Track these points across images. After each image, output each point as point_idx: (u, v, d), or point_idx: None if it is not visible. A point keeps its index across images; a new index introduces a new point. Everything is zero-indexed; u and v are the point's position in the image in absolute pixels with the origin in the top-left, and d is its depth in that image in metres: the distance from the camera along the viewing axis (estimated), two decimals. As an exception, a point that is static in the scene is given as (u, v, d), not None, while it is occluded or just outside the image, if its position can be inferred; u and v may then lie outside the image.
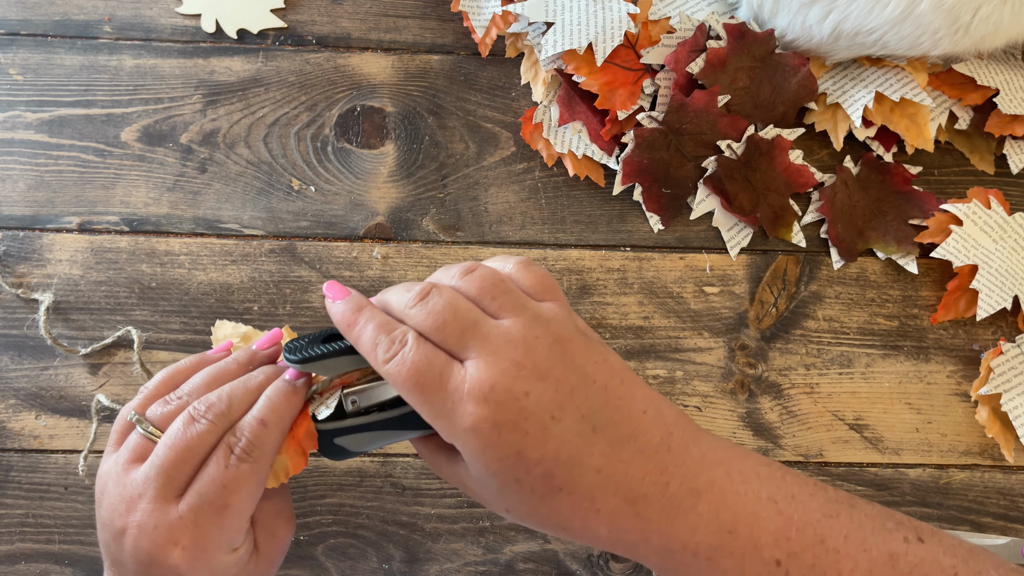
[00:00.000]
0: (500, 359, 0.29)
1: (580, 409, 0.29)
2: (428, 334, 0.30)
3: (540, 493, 0.29)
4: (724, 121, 0.56)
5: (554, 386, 0.29)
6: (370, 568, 0.49)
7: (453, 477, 0.33)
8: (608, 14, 0.56)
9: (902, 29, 0.52)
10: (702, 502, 0.29)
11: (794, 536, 0.29)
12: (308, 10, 0.60)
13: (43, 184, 0.55)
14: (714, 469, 0.30)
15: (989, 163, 0.58)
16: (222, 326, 0.48)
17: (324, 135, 0.57)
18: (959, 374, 0.54)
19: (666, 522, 0.29)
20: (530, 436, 0.28)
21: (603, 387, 0.30)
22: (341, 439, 0.35)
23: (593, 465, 0.29)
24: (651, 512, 0.29)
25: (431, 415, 0.30)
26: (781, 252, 0.56)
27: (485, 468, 0.29)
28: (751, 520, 0.29)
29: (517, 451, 0.28)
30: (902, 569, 0.30)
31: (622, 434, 0.30)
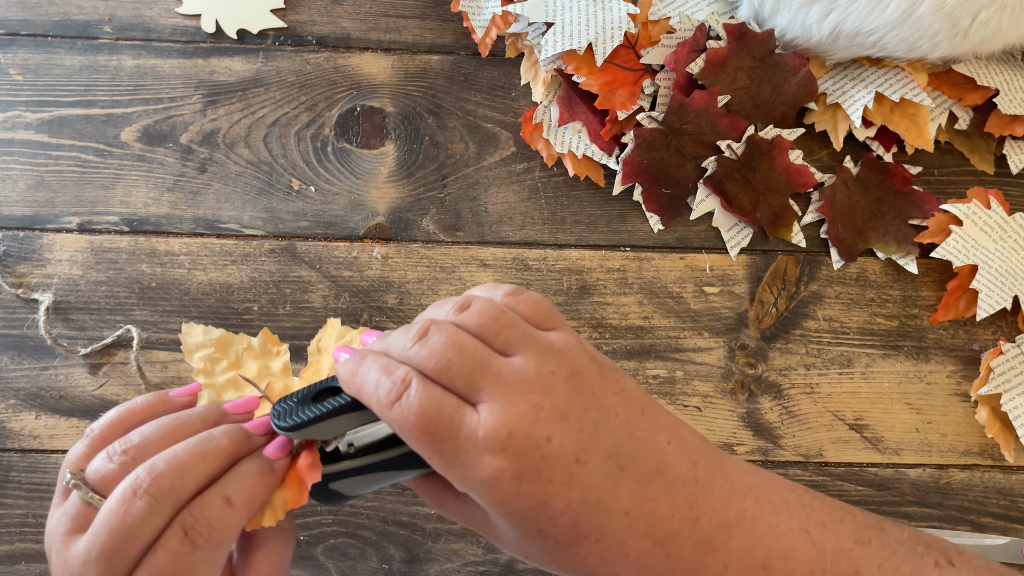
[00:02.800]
0: (516, 401, 0.27)
1: (605, 448, 0.27)
2: (434, 375, 0.28)
3: (566, 542, 0.27)
4: (724, 121, 0.56)
5: (576, 426, 0.27)
6: (370, 568, 0.49)
7: (464, 517, 0.31)
8: (608, 14, 0.56)
9: (901, 31, 0.52)
10: (733, 537, 0.28)
11: (829, 568, 0.28)
12: (308, 10, 0.60)
13: (43, 184, 0.55)
14: (743, 500, 0.29)
15: (989, 163, 0.59)
16: (191, 331, 0.38)
17: (324, 135, 0.57)
18: (959, 374, 0.54)
19: (697, 561, 0.28)
20: (554, 484, 0.26)
21: (626, 420, 0.28)
22: (336, 484, 0.32)
23: (621, 507, 0.27)
24: (682, 552, 0.28)
25: (443, 466, 0.27)
26: (781, 252, 0.56)
27: (505, 519, 0.27)
28: (784, 553, 0.28)
29: (541, 502, 0.26)
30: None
31: (649, 470, 0.28)
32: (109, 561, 0.27)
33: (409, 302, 0.53)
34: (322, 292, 0.53)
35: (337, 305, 0.53)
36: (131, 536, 0.27)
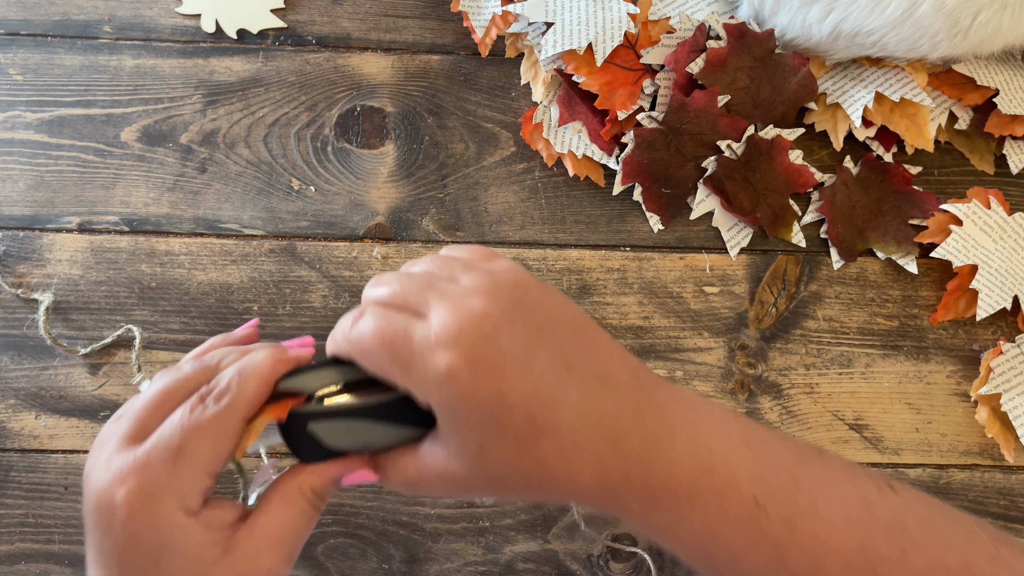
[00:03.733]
0: (464, 305, 0.28)
1: (551, 348, 0.28)
2: (387, 302, 0.30)
3: (524, 439, 0.28)
4: (724, 121, 0.56)
5: (523, 327, 0.28)
6: (370, 568, 0.49)
7: (426, 475, 0.31)
8: (608, 14, 0.56)
9: (901, 31, 0.52)
10: (678, 439, 0.29)
11: (769, 475, 0.29)
12: (308, 10, 0.60)
13: (43, 184, 0.55)
14: (685, 408, 0.30)
15: (989, 163, 0.59)
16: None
17: (324, 135, 0.57)
18: (959, 374, 0.54)
19: (646, 458, 0.29)
20: (508, 377, 0.27)
21: (571, 328, 0.30)
22: (315, 425, 0.32)
23: (572, 402, 0.28)
24: (631, 449, 0.28)
25: (402, 374, 0.28)
26: (781, 252, 0.56)
27: (465, 420, 0.28)
28: (726, 457, 0.29)
29: (497, 392, 0.27)
30: (878, 514, 0.29)
31: (594, 373, 0.29)
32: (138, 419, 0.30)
33: (409, 302, 0.53)
34: (322, 292, 0.53)
35: (337, 305, 0.53)
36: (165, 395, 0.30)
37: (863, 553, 0.28)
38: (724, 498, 0.29)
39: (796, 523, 0.29)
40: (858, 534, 0.29)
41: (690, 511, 0.29)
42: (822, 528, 0.29)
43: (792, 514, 0.29)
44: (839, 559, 0.28)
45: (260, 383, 0.31)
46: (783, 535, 0.29)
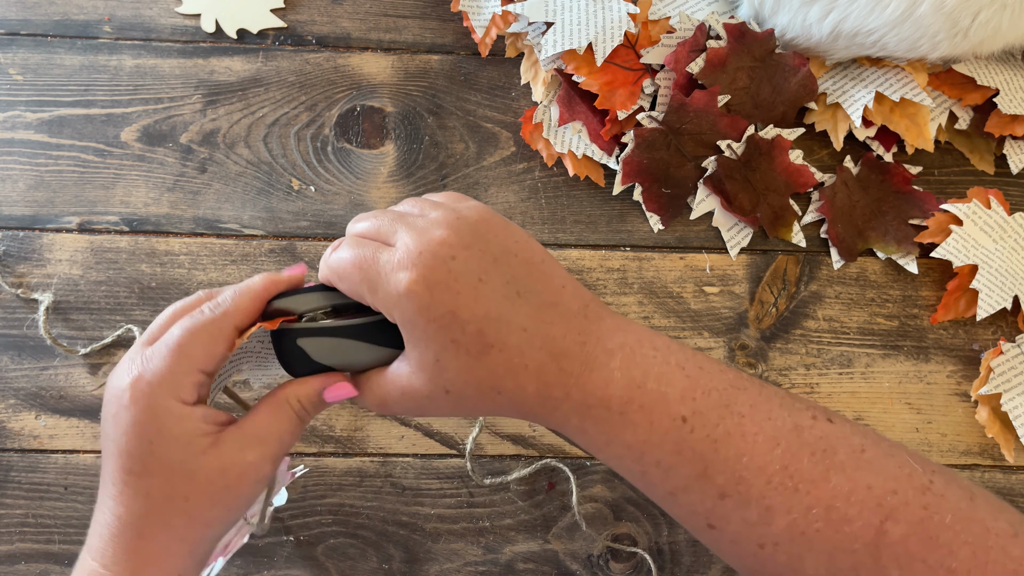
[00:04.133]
0: (426, 233, 0.32)
1: (504, 276, 0.32)
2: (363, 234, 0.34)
3: (475, 352, 0.31)
4: (724, 121, 0.56)
5: (478, 255, 0.32)
6: (370, 568, 0.49)
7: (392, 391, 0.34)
8: (608, 14, 0.56)
9: (901, 31, 0.52)
10: (614, 359, 0.32)
11: (699, 397, 0.32)
12: (308, 10, 0.60)
13: (43, 184, 0.55)
14: (626, 335, 0.33)
15: (989, 163, 0.59)
16: None
17: (324, 135, 0.57)
18: (959, 374, 0.54)
19: (584, 375, 0.32)
20: (461, 296, 0.31)
21: (525, 260, 0.33)
22: (303, 340, 0.35)
23: (520, 323, 0.32)
24: (572, 366, 0.32)
25: (371, 294, 0.32)
26: (781, 252, 0.56)
27: (423, 334, 0.31)
28: (659, 378, 0.32)
29: (451, 310, 0.31)
30: (807, 439, 0.31)
31: (544, 300, 0.32)
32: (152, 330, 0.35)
33: (409, 302, 0.53)
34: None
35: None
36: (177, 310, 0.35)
37: (785, 471, 0.31)
38: (653, 414, 0.32)
39: (721, 441, 0.31)
40: (782, 455, 0.31)
41: (622, 426, 0.32)
42: (747, 447, 0.31)
43: (718, 433, 0.31)
44: (762, 476, 0.31)
45: (253, 297, 0.35)
46: (708, 451, 0.31)
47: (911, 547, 0.29)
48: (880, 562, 0.29)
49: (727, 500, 0.31)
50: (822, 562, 0.30)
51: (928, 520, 0.30)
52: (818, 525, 0.30)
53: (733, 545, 0.32)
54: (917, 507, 0.30)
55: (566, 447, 0.51)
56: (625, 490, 0.51)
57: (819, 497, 0.30)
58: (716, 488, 0.31)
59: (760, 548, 0.31)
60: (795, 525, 0.30)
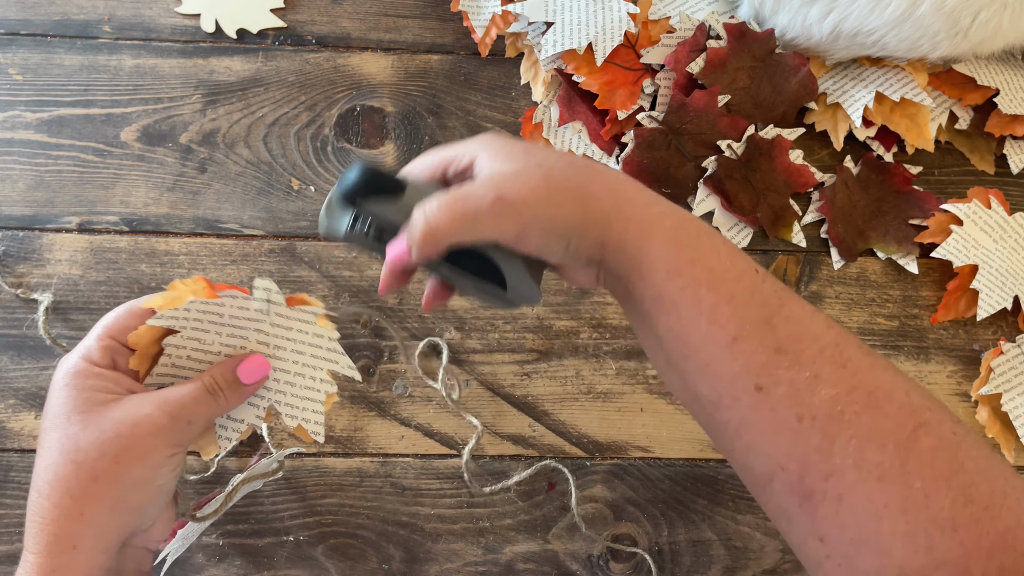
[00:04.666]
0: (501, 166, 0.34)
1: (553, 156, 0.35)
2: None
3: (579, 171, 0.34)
4: (724, 121, 0.56)
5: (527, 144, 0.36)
6: (370, 568, 0.49)
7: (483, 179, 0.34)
8: (608, 14, 0.56)
9: (902, 31, 0.52)
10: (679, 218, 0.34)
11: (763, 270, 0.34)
12: (308, 10, 0.60)
13: (43, 184, 0.55)
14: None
15: (989, 163, 0.58)
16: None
17: (324, 135, 0.57)
18: (959, 374, 0.54)
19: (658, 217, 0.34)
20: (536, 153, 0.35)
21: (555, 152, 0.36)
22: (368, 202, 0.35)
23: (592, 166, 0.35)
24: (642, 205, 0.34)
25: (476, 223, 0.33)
26: (781, 252, 0.56)
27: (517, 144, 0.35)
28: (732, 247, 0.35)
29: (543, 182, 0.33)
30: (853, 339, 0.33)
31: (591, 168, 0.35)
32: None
33: (409, 302, 0.53)
34: (322, 292, 0.53)
35: (337, 305, 0.53)
36: None
37: (837, 348, 0.32)
38: (735, 257, 0.33)
39: (786, 301, 0.33)
40: (836, 336, 0.32)
41: (709, 250, 0.33)
42: (806, 316, 0.33)
43: (784, 295, 0.33)
44: (817, 344, 0.32)
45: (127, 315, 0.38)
46: (775, 303, 0.33)
47: (938, 464, 0.29)
48: (906, 467, 0.29)
49: (782, 356, 0.31)
50: (851, 450, 0.30)
51: (957, 445, 0.30)
52: (857, 408, 0.30)
53: (772, 413, 0.31)
54: (948, 430, 0.30)
55: (566, 447, 0.51)
56: (625, 490, 0.51)
57: (863, 380, 0.31)
58: (775, 339, 0.32)
59: (798, 421, 0.31)
60: (836, 400, 0.30)
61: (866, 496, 0.29)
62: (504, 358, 0.53)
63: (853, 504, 0.30)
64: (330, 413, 0.51)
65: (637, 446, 0.52)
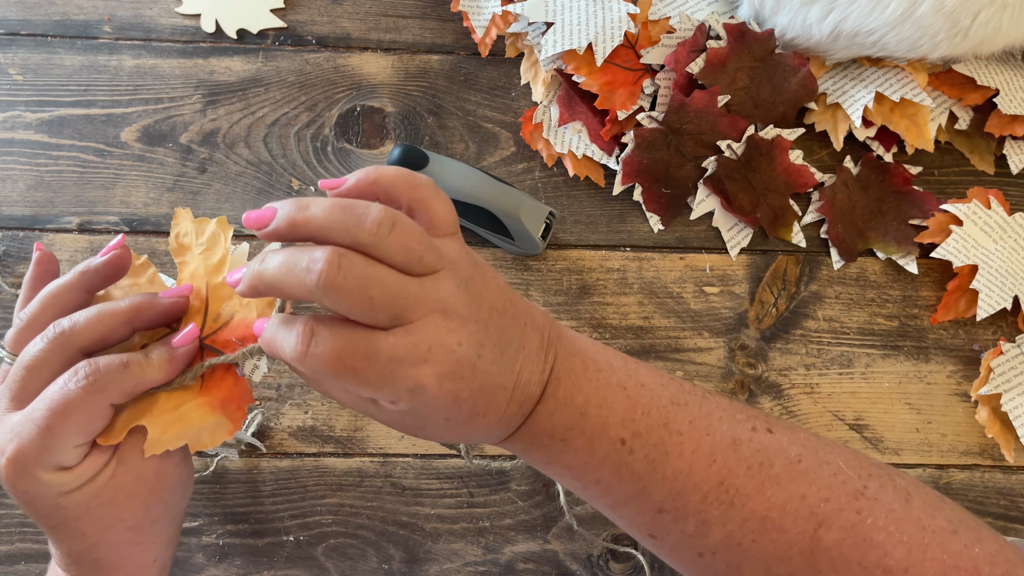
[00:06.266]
0: (430, 320, 0.30)
1: (492, 340, 0.31)
2: (358, 314, 0.29)
3: (462, 423, 0.32)
4: (724, 121, 0.56)
5: (474, 328, 0.31)
6: (370, 568, 0.49)
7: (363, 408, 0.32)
8: (608, 14, 0.56)
9: (902, 31, 0.52)
10: (560, 389, 0.33)
11: (639, 418, 0.33)
12: (308, 10, 0.60)
13: (43, 184, 0.55)
14: (572, 360, 0.34)
15: (989, 163, 0.59)
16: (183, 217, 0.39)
17: (324, 135, 0.57)
18: (959, 374, 0.54)
19: (536, 410, 0.33)
20: (464, 379, 0.30)
21: (501, 313, 0.32)
22: None
23: (501, 383, 0.31)
24: (528, 405, 0.33)
25: (371, 390, 0.30)
26: (781, 252, 0.56)
27: (421, 415, 0.31)
28: (600, 403, 0.33)
29: (454, 396, 0.30)
30: (744, 453, 0.32)
31: (517, 348, 0.32)
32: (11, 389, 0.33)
33: (409, 302, 0.53)
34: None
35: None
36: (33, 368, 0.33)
37: (721, 487, 0.32)
38: (594, 440, 0.33)
39: (658, 461, 0.32)
40: (719, 471, 0.32)
41: (563, 450, 0.33)
42: (684, 466, 0.32)
43: (656, 453, 0.32)
44: (699, 492, 0.32)
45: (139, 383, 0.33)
46: (646, 471, 0.32)
47: (845, 551, 0.31)
48: (816, 567, 0.31)
49: (665, 515, 0.33)
50: (759, 569, 0.32)
51: (861, 524, 0.31)
52: (753, 536, 0.31)
53: (673, 552, 0.34)
54: (850, 512, 0.31)
55: (566, 447, 0.51)
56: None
57: (754, 510, 0.31)
58: (654, 504, 0.33)
59: (699, 556, 0.33)
60: (731, 536, 0.32)
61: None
62: (504, 358, 0.53)
63: None
64: (331, 413, 0.51)
65: (637, 446, 0.52)
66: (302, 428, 0.51)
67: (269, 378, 0.51)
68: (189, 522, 0.48)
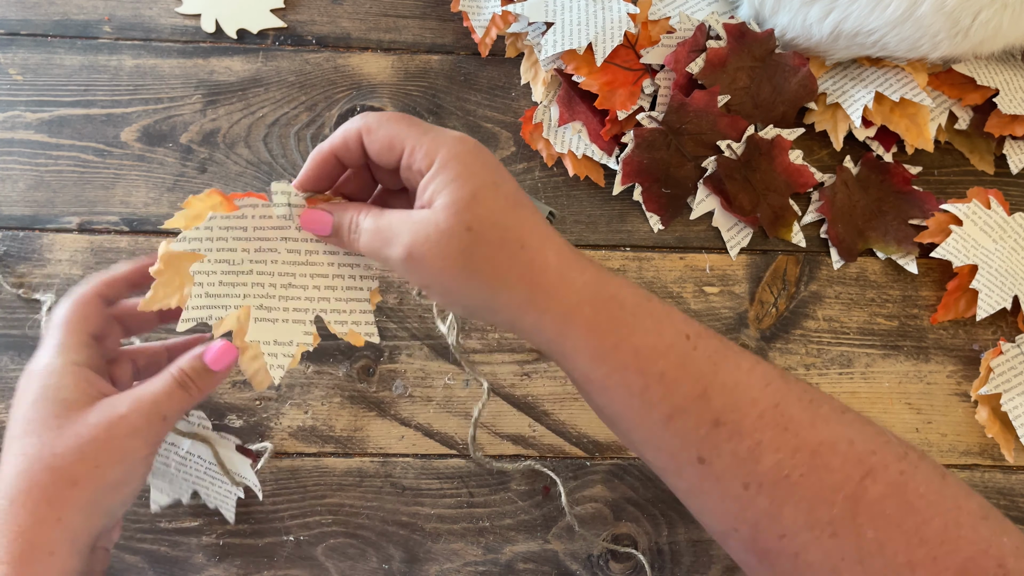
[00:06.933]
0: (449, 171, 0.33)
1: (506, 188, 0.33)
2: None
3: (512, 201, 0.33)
4: (724, 121, 0.56)
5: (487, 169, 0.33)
6: (370, 568, 0.49)
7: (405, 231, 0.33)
8: (608, 14, 0.56)
9: (902, 31, 0.52)
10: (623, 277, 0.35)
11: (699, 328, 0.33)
12: (308, 10, 0.60)
13: (43, 184, 0.55)
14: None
15: (989, 163, 0.59)
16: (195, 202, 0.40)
17: (324, 135, 0.57)
18: (959, 374, 0.54)
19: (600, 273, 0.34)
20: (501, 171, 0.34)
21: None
22: None
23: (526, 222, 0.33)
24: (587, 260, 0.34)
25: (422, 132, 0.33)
26: (781, 252, 0.56)
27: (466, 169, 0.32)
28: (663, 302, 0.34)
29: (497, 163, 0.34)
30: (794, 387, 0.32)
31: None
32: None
33: (409, 302, 0.53)
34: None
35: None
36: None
37: (777, 409, 0.31)
38: (662, 323, 0.32)
39: (720, 365, 0.32)
40: (774, 394, 0.32)
41: (633, 327, 0.32)
42: (742, 377, 0.32)
43: (718, 357, 0.32)
44: (756, 408, 0.31)
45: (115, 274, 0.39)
46: (709, 372, 0.32)
47: (887, 509, 0.30)
48: (857, 519, 0.30)
49: (721, 428, 0.31)
50: (801, 510, 0.30)
51: (905, 486, 0.30)
52: (802, 470, 0.30)
53: (717, 483, 0.32)
54: (895, 471, 0.30)
55: (566, 447, 0.51)
56: (625, 490, 0.51)
57: (806, 440, 0.31)
58: (712, 412, 0.31)
59: (744, 489, 0.31)
60: (781, 466, 0.30)
61: (822, 553, 0.30)
62: (504, 358, 0.53)
63: (810, 561, 0.30)
64: (331, 413, 0.51)
65: (637, 446, 0.52)
66: (302, 428, 0.51)
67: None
68: (189, 522, 0.48)
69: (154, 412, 0.35)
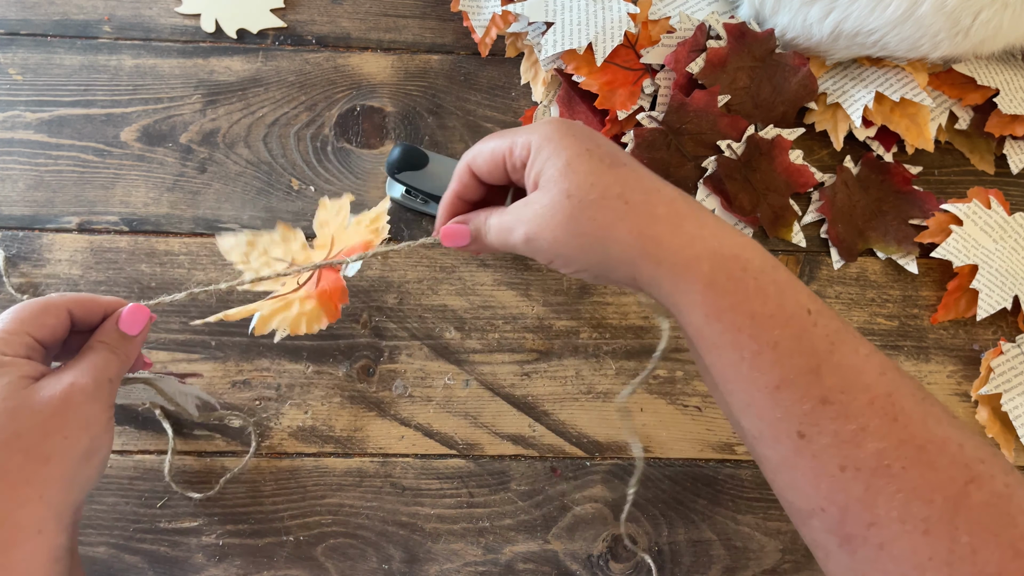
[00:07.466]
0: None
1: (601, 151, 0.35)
2: None
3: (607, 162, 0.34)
4: (724, 121, 0.56)
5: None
6: (370, 568, 0.49)
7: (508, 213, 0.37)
8: (608, 14, 0.56)
9: (902, 31, 0.52)
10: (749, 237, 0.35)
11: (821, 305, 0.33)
12: (308, 10, 0.60)
13: (43, 184, 0.55)
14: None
15: (989, 163, 0.58)
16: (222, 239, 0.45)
17: (324, 135, 0.57)
18: (959, 374, 0.54)
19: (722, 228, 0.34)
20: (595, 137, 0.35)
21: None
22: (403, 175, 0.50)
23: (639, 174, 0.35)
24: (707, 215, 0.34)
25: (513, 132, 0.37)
26: (781, 252, 0.56)
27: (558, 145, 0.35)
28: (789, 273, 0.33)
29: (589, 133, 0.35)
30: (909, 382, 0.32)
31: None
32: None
33: (409, 302, 0.53)
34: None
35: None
36: None
37: (889, 399, 0.30)
38: (784, 294, 0.32)
39: (837, 345, 0.31)
40: (888, 384, 0.31)
41: (754, 292, 0.32)
42: (859, 363, 0.31)
43: (836, 338, 0.31)
44: (867, 394, 0.30)
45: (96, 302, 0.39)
46: (825, 350, 0.31)
47: (987, 518, 0.29)
48: (954, 522, 0.29)
49: (828, 407, 0.30)
50: (897, 502, 0.29)
51: (1009, 498, 0.29)
52: (905, 462, 0.29)
53: (813, 460, 0.31)
54: (1001, 483, 0.29)
55: (566, 447, 0.51)
56: (625, 490, 0.51)
57: (914, 434, 0.30)
58: (822, 390, 0.31)
59: (840, 471, 0.30)
60: (883, 454, 0.30)
61: (910, 548, 0.29)
62: (504, 358, 0.53)
63: (896, 554, 0.29)
64: (330, 413, 0.51)
65: (637, 446, 0.52)
66: (302, 428, 0.51)
67: (268, 378, 0.51)
68: (189, 522, 0.48)
69: (100, 376, 0.36)
